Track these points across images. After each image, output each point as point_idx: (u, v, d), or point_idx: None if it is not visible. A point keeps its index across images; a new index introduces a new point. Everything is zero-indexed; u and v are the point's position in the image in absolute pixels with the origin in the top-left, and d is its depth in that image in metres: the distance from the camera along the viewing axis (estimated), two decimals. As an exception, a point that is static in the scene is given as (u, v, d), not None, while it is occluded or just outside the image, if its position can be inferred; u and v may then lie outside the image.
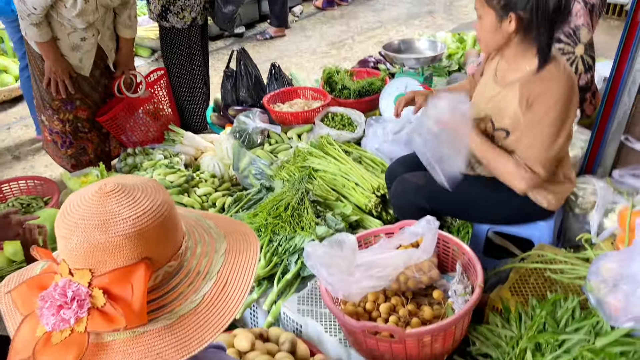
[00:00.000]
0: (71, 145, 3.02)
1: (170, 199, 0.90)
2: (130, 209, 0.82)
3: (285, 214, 2.06)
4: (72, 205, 0.83)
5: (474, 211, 2.03)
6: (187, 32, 3.25)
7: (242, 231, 1.04)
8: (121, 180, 0.87)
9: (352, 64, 4.35)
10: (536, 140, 1.75)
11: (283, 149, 2.86)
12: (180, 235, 0.90)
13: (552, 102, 1.69)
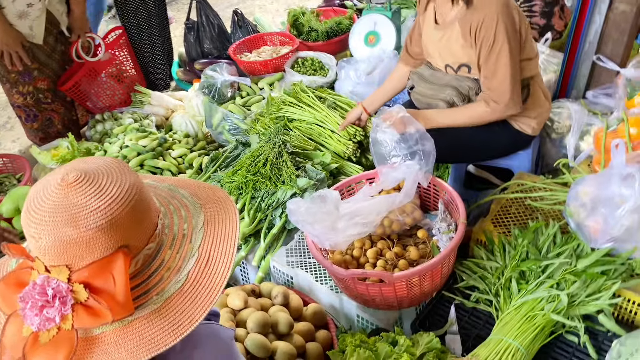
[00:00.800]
0: (36, 118, 2.91)
1: (137, 178, 0.86)
2: (98, 198, 0.79)
3: (265, 169, 2.04)
4: (37, 200, 0.79)
5: (464, 154, 2.05)
6: None
7: (218, 197, 1.01)
8: (84, 167, 0.82)
9: (318, 2, 4.20)
10: (495, 71, 1.78)
11: (255, 101, 2.79)
12: (154, 215, 0.87)
13: (495, 27, 1.73)
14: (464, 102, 1.92)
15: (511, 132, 1.99)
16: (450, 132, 1.92)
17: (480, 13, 1.74)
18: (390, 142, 1.80)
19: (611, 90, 2.15)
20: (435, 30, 1.91)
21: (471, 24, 1.76)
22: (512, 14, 1.76)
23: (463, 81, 1.90)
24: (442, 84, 1.94)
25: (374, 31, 2.86)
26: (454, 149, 1.96)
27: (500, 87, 1.80)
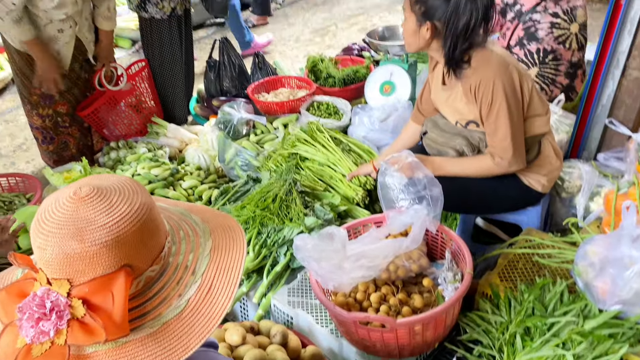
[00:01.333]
0: (52, 141, 2.96)
1: (149, 199, 0.86)
2: (107, 214, 0.79)
3: (273, 205, 2.05)
4: (47, 212, 0.80)
5: (471, 204, 2.05)
6: (167, 22, 3.19)
7: (228, 225, 1.01)
8: (97, 183, 0.83)
9: (336, 51, 4.32)
10: (496, 128, 1.82)
11: (269, 139, 2.83)
12: (162, 237, 0.87)
13: (493, 87, 1.77)
14: (474, 152, 1.95)
15: (520, 187, 1.99)
16: (458, 181, 1.94)
17: (479, 74, 1.79)
18: (398, 186, 1.81)
19: (622, 154, 2.17)
20: (443, 90, 1.97)
21: (471, 84, 1.81)
22: (511, 74, 1.80)
23: (474, 132, 1.93)
24: (454, 133, 1.97)
25: (389, 81, 2.92)
26: (462, 198, 1.96)
27: (501, 145, 1.84)
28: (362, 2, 5.96)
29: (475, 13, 1.68)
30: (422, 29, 1.79)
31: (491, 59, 1.79)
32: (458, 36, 1.74)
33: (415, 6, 1.79)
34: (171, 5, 3.12)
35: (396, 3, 5.85)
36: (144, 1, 3.08)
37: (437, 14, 1.74)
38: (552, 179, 2.02)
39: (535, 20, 2.60)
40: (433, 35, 1.79)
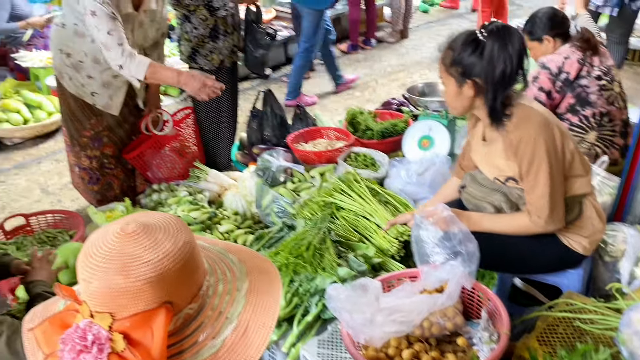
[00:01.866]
0: (98, 181, 3.07)
1: (192, 237, 0.88)
2: (152, 251, 0.81)
3: (307, 253, 2.05)
4: (94, 246, 0.83)
5: (508, 263, 2.00)
6: (215, 73, 3.33)
7: (265, 268, 1.02)
8: (143, 220, 0.86)
9: (376, 105, 4.40)
10: (534, 186, 1.80)
11: (306, 188, 2.86)
12: (201, 275, 0.89)
13: (534, 144, 1.76)
14: (512, 209, 1.92)
15: (560, 247, 1.94)
16: (495, 238, 1.90)
17: (520, 130, 1.79)
18: (433, 240, 1.79)
19: (670, 219, 2.09)
20: (483, 146, 1.98)
21: (512, 139, 1.81)
22: (553, 132, 1.79)
23: (513, 189, 1.91)
24: (492, 188, 1.95)
25: (428, 136, 2.94)
26: (498, 256, 1.92)
27: (539, 203, 1.80)
28: (402, 59, 6.10)
29: (509, 60, 1.71)
30: (464, 88, 1.82)
31: (533, 116, 1.79)
32: (497, 85, 1.75)
33: (451, 69, 1.82)
34: (220, 58, 3.28)
35: (436, 61, 5.95)
36: (195, 53, 3.24)
37: (474, 70, 1.77)
38: (594, 242, 1.96)
39: (584, 86, 2.61)
40: (476, 92, 1.81)
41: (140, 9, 2.64)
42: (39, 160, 4.09)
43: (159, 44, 2.96)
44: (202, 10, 3.11)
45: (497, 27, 1.74)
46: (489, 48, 1.72)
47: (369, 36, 6.41)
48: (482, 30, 1.76)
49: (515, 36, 1.73)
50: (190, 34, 3.19)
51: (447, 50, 1.85)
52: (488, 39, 1.73)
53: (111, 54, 2.53)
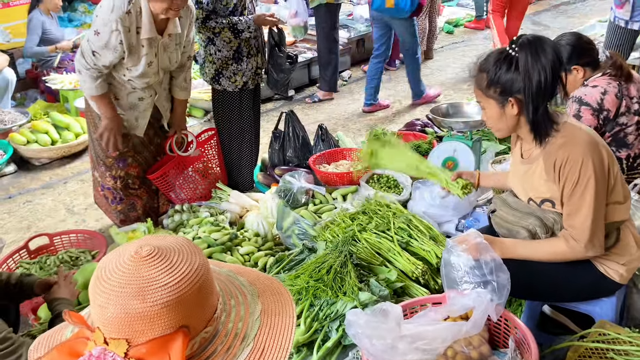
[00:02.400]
0: (121, 201, 3.10)
1: (206, 260, 0.87)
2: (168, 274, 0.79)
3: (328, 277, 2.01)
4: (108, 271, 0.81)
5: (540, 291, 1.91)
6: (238, 95, 3.37)
7: (275, 289, 1.00)
8: (157, 243, 0.84)
9: (399, 126, 4.37)
10: (577, 210, 1.72)
11: (327, 210, 2.84)
12: (215, 298, 0.87)
13: (581, 164, 1.68)
14: (547, 234, 1.83)
15: (595, 275, 1.85)
16: (527, 264, 1.82)
17: (566, 150, 1.71)
18: (463, 267, 1.72)
19: None
20: (521, 164, 1.90)
21: (556, 159, 1.73)
22: (601, 153, 1.72)
23: (548, 213, 1.83)
24: (526, 212, 1.87)
25: (452, 157, 2.89)
26: (530, 284, 1.84)
27: (581, 227, 1.72)
28: (427, 80, 6.05)
29: (543, 71, 1.66)
30: (507, 108, 1.76)
31: (580, 136, 1.73)
32: (537, 97, 1.69)
33: (489, 91, 1.77)
34: (243, 79, 3.30)
35: (460, 82, 5.91)
36: (218, 75, 3.28)
37: (514, 86, 1.71)
38: (631, 269, 1.86)
39: (623, 124, 2.45)
40: (520, 109, 1.74)
41: (164, 32, 2.68)
42: (65, 181, 4.16)
43: (185, 67, 3.00)
44: (227, 32, 3.15)
45: (528, 39, 1.70)
46: (522, 61, 1.67)
47: (393, 57, 6.40)
48: (513, 45, 1.72)
49: (547, 45, 1.68)
50: (214, 56, 3.23)
51: (481, 73, 1.79)
52: (520, 52, 1.68)
53: (81, 59, 2.61)
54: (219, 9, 3.12)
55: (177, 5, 2.52)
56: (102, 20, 2.51)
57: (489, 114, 1.82)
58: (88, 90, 2.71)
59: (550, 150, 1.75)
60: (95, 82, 2.65)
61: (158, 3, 2.48)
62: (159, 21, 2.61)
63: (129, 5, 2.50)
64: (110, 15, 2.48)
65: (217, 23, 3.11)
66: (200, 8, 3.05)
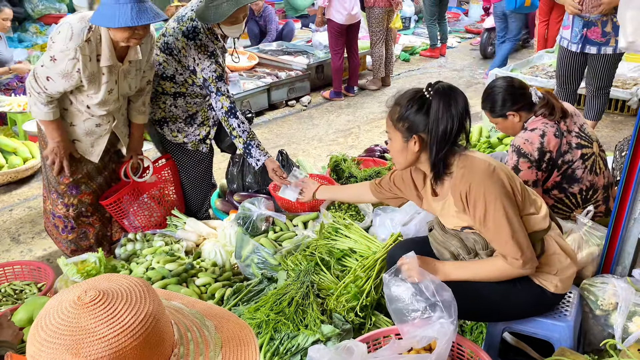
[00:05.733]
0: (72, 230, 2.96)
1: (158, 306, 0.80)
2: (108, 325, 0.73)
3: (289, 309, 1.95)
4: (47, 317, 0.75)
5: (487, 310, 1.95)
6: None
7: (242, 338, 0.94)
8: (105, 286, 0.78)
9: (359, 152, 4.39)
10: (497, 232, 1.78)
11: (288, 237, 2.78)
12: (167, 348, 0.80)
13: (484, 190, 1.76)
14: (470, 255, 1.90)
15: (533, 288, 1.91)
16: (467, 286, 1.86)
17: (466, 179, 1.80)
18: (407, 297, 1.72)
19: (660, 271, 2.05)
20: (435, 202, 1.98)
21: (461, 191, 1.81)
22: (499, 175, 1.80)
23: (468, 235, 1.90)
24: (450, 234, 1.95)
25: (412, 184, 2.91)
26: (473, 304, 1.88)
27: (507, 247, 1.78)
28: (385, 107, 6.16)
29: (451, 120, 1.76)
30: (410, 143, 1.85)
31: (476, 164, 1.81)
32: (440, 142, 1.79)
33: (398, 124, 1.86)
34: (185, 139, 3.18)
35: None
36: (165, 122, 3.13)
37: (420, 126, 1.81)
38: (565, 279, 1.92)
39: (568, 162, 2.48)
40: (421, 146, 1.84)
41: (125, 59, 2.61)
42: (11, 208, 3.95)
43: (144, 91, 2.91)
44: (196, 99, 3.06)
45: (443, 87, 1.80)
46: (434, 106, 1.77)
47: (351, 84, 6.49)
48: (429, 88, 1.81)
49: (459, 96, 1.79)
50: (167, 106, 3.08)
51: (395, 106, 1.90)
52: (434, 97, 1.78)
53: (34, 83, 2.52)
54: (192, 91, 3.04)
55: (138, 35, 2.45)
56: (59, 48, 2.42)
57: (393, 146, 1.92)
58: (38, 114, 2.61)
59: (454, 183, 1.83)
60: (47, 107, 2.57)
61: (119, 33, 2.41)
62: (119, 48, 2.54)
63: (88, 33, 2.42)
64: (69, 44, 2.40)
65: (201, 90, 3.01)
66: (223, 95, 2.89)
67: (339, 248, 2.42)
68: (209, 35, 2.88)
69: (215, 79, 2.88)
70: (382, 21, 6.30)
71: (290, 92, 6.11)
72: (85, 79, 2.48)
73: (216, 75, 2.88)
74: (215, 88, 2.89)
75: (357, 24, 6.15)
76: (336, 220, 2.59)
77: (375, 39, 6.39)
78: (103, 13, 2.35)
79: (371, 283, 2.15)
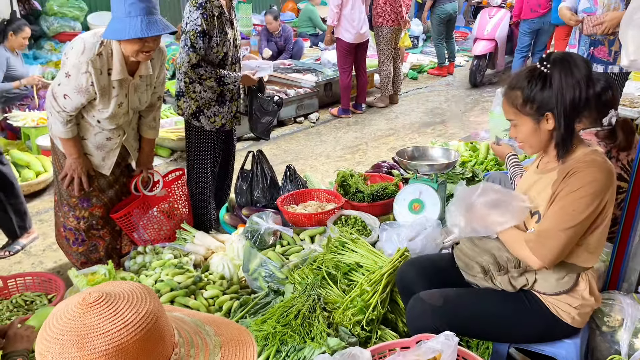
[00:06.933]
0: (83, 243, 3.00)
1: (158, 307, 0.85)
2: (111, 321, 0.78)
3: (295, 322, 1.97)
4: (55, 318, 0.80)
5: (497, 331, 1.94)
6: (215, 134, 3.35)
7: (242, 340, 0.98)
8: (108, 289, 0.83)
9: (366, 168, 4.42)
10: (562, 214, 1.72)
11: (295, 251, 2.81)
12: (167, 347, 0.84)
13: (586, 181, 1.70)
14: (500, 272, 1.88)
15: (547, 317, 1.86)
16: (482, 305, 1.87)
17: (582, 166, 1.73)
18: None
19: (666, 288, 2.05)
20: (534, 173, 1.94)
21: (569, 170, 1.75)
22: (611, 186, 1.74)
23: (503, 252, 1.87)
24: (484, 249, 1.92)
25: (418, 199, 2.93)
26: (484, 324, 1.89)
27: (554, 231, 1.72)
28: (392, 124, 6.21)
29: (578, 86, 1.70)
30: (542, 123, 1.78)
31: (603, 164, 1.74)
32: (570, 112, 1.73)
33: (525, 108, 1.79)
34: (222, 121, 3.30)
35: (425, 126, 6.07)
36: (200, 112, 3.25)
37: (549, 103, 1.74)
38: (583, 315, 1.88)
39: None
40: (554, 123, 1.77)
41: (135, 74, 2.67)
42: (23, 220, 4.01)
43: (155, 106, 2.98)
44: (212, 81, 3.16)
45: (558, 56, 1.75)
46: (556, 78, 1.71)
47: (359, 101, 6.55)
48: (545, 62, 1.76)
49: (578, 59, 1.74)
50: (197, 94, 3.21)
51: (514, 91, 1.81)
52: (553, 69, 1.73)
53: (53, 102, 2.60)
54: (210, 56, 3.12)
55: (148, 48, 2.52)
56: (72, 63, 2.50)
57: (523, 130, 1.83)
58: (57, 133, 2.69)
59: (568, 164, 1.77)
60: (66, 126, 2.64)
61: (129, 45, 2.48)
62: (130, 63, 2.61)
63: (100, 47, 2.50)
64: (81, 57, 2.47)
65: (206, 71, 3.11)
66: (194, 52, 3.03)
67: (346, 262, 2.43)
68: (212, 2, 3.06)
69: (198, 33, 3.01)
70: (390, 40, 6.39)
71: (299, 109, 6.20)
72: (97, 92, 2.55)
73: (199, 30, 3.01)
74: (191, 42, 3.02)
75: (366, 43, 6.24)
76: (343, 235, 2.62)
77: (383, 57, 6.47)
78: (114, 27, 2.43)
79: (377, 297, 2.16)
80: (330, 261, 2.44)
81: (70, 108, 2.58)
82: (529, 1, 6.73)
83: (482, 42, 7.37)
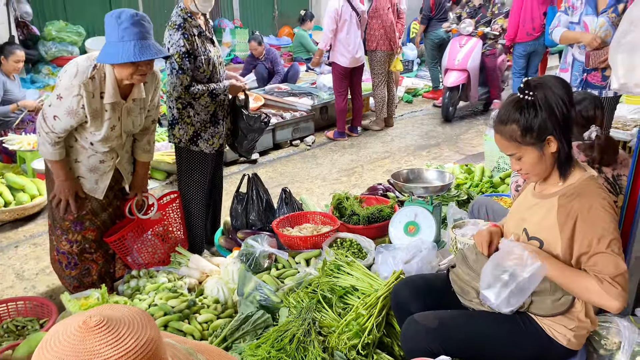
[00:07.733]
0: (75, 267, 2.98)
1: (158, 334, 0.83)
2: (113, 348, 0.76)
3: (290, 346, 1.95)
4: (53, 340, 0.77)
5: (492, 353, 1.91)
6: (213, 157, 3.37)
7: None
8: (108, 313, 0.81)
9: (362, 190, 4.42)
10: (609, 256, 1.70)
11: (290, 274, 2.79)
12: None
13: (593, 198, 1.73)
14: None
15: (542, 338, 1.85)
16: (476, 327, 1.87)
17: (585, 200, 1.74)
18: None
19: (663, 310, 2.04)
20: (531, 196, 1.94)
21: (571, 209, 1.76)
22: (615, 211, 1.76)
23: None
24: (480, 273, 1.89)
25: (414, 222, 2.93)
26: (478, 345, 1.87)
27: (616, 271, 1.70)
28: (388, 147, 6.23)
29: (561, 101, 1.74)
30: (545, 148, 1.80)
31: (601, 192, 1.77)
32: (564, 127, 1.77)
33: (525, 139, 1.79)
34: (219, 142, 3.33)
35: (421, 148, 6.09)
36: (197, 137, 3.26)
37: (547, 126, 1.76)
38: (580, 337, 1.88)
39: None
40: (557, 145, 1.79)
41: (128, 97, 2.69)
42: (16, 244, 3.98)
43: (149, 130, 2.99)
44: (206, 97, 3.19)
45: (536, 81, 1.78)
46: (542, 100, 1.74)
47: (354, 124, 6.60)
48: (526, 90, 1.78)
49: (552, 79, 1.78)
50: (192, 119, 3.23)
51: (508, 126, 1.81)
52: (536, 94, 1.75)
53: (42, 122, 2.61)
54: (198, 76, 3.16)
55: (142, 71, 2.54)
56: (65, 85, 2.52)
57: (528, 161, 1.83)
58: (46, 154, 2.69)
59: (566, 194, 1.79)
60: (54, 147, 2.65)
61: (123, 69, 2.50)
62: (123, 86, 2.62)
63: (93, 70, 2.52)
64: (74, 80, 2.49)
65: (199, 90, 3.14)
66: (184, 73, 3.06)
67: (341, 285, 2.42)
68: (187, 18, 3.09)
69: (183, 54, 3.04)
70: (384, 64, 6.47)
71: (295, 132, 6.22)
72: (88, 115, 2.56)
73: (183, 50, 3.03)
74: (178, 65, 3.04)
75: (361, 67, 6.31)
76: (338, 258, 2.60)
77: (377, 81, 6.54)
78: (108, 51, 2.46)
79: (373, 321, 2.14)
80: (326, 284, 2.42)
81: (59, 129, 2.59)
82: (524, 25, 6.78)
83: (453, 73, 6.77)
